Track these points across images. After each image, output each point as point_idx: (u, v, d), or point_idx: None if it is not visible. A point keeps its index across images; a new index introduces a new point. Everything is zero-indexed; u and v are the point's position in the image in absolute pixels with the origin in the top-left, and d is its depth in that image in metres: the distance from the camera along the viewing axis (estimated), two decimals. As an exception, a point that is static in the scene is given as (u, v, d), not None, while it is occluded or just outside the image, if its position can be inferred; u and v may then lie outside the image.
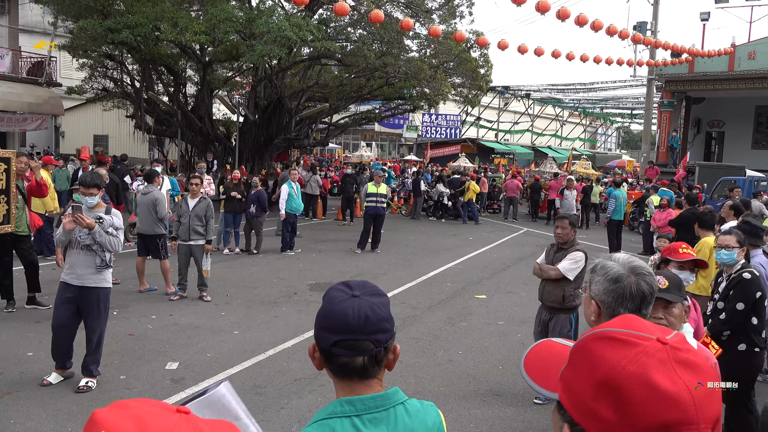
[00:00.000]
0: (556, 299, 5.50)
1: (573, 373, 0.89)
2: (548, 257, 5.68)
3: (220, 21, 15.65)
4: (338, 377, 1.45)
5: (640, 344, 0.85)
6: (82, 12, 17.45)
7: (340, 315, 1.41)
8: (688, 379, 0.82)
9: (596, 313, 1.97)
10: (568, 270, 5.42)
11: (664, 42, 18.04)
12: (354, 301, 1.43)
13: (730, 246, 4.75)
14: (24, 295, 7.93)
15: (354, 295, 1.44)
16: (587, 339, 0.91)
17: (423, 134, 40.76)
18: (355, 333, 1.39)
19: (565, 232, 5.53)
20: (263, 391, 5.56)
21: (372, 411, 1.41)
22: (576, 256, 5.46)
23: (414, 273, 11.41)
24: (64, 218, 5.31)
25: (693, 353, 0.86)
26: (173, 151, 26.91)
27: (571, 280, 5.42)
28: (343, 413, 1.39)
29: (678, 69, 24.83)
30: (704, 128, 30.66)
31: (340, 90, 22.69)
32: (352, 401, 1.41)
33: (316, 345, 1.47)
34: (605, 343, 0.87)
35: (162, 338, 6.96)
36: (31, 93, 21.99)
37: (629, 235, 17.87)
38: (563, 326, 5.53)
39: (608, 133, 70.60)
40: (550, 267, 5.53)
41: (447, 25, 20.43)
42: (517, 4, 11.17)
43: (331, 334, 1.41)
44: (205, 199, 8.99)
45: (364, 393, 1.43)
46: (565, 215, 5.93)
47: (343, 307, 1.41)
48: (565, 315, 5.55)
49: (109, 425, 0.80)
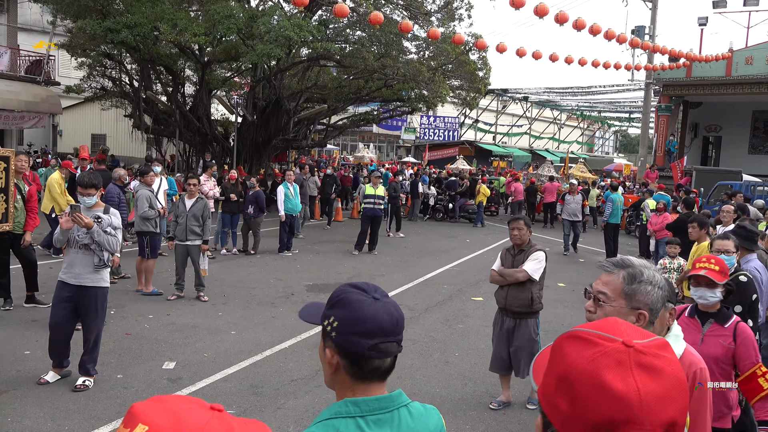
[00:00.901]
0: (523, 303, 5.33)
1: (547, 369, 0.96)
2: (506, 262, 5.48)
3: (221, 18, 15.67)
4: (360, 381, 1.44)
5: (601, 345, 0.90)
6: (81, 11, 17.47)
7: (373, 319, 1.42)
8: (642, 381, 0.86)
9: (644, 324, 1.87)
10: (535, 270, 5.29)
11: (662, 46, 18.11)
12: (380, 304, 1.44)
13: (730, 251, 4.78)
14: (21, 294, 7.93)
15: (375, 298, 1.46)
16: (562, 337, 0.97)
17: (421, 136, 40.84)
18: (388, 336, 1.42)
19: (521, 233, 5.38)
20: (260, 392, 5.57)
21: (376, 412, 1.42)
22: (538, 256, 5.36)
23: (411, 275, 11.43)
24: (61, 217, 5.32)
25: (659, 358, 0.89)
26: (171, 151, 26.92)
27: (537, 280, 5.32)
28: (348, 414, 1.40)
29: (676, 73, 24.94)
30: (701, 132, 30.78)
31: (339, 91, 22.72)
32: (357, 402, 1.42)
33: (335, 351, 1.44)
34: (572, 341, 0.94)
35: (159, 338, 6.97)
36: (30, 91, 21.97)
37: (626, 239, 17.92)
38: (531, 330, 5.39)
39: (606, 136, 70.80)
40: (515, 270, 5.34)
41: (446, 28, 20.48)
42: (515, 7, 11.20)
43: (367, 339, 1.41)
44: (202, 199, 9.00)
45: (378, 394, 1.45)
46: (518, 216, 5.78)
47: (375, 311, 1.43)
48: (532, 319, 5.41)
49: (146, 418, 0.84)
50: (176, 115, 21.10)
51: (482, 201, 20.47)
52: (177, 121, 21.10)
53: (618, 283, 1.91)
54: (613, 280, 1.93)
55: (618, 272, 1.93)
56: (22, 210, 7.74)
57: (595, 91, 38.94)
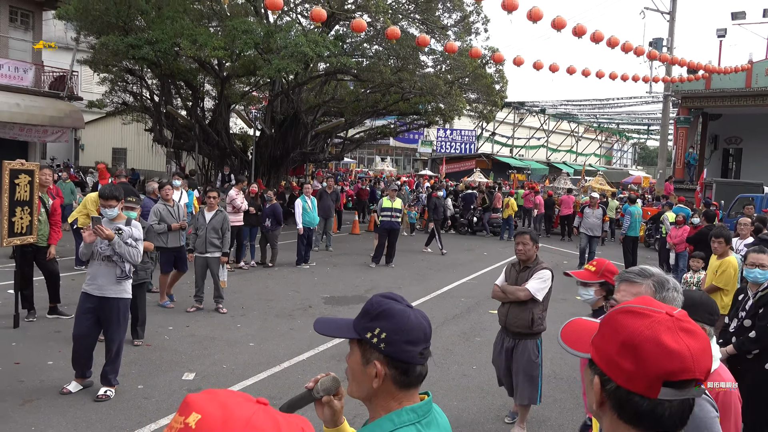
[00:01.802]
0: (523, 324, 5.00)
1: (601, 338, 1.19)
2: (510, 278, 5.18)
3: (239, 33, 15.90)
4: (405, 388, 1.49)
5: (653, 315, 1.14)
6: (104, 28, 17.83)
7: (419, 326, 1.49)
8: (688, 341, 1.11)
9: None
10: (538, 290, 4.94)
11: (680, 58, 18.02)
12: (416, 312, 1.52)
13: (765, 265, 4.75)
14: (44, 305, 8.07)
15: (409, 306, 1.53)
16: (614, 312, 1.19)
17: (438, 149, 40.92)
18: (428, 341, 1.51)
19: (527, 248, 5.05)
20: (278, 403, 5.54)
21: (426, 415, 1.50)
22: (544, 275, 5.00)
23: (428, 287, 11.43)
24: (84, 231, 5.42)
25: (691, 323, 1.15)
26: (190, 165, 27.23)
27: (540, 300, 4.98)
28: (409, 421, 1.46)
29: (694, 85, 24.77)
30: (721, 145, 30.46)
31: (356, 105, 22.87)
32: (414, 409, 1.48)
33: (385, 362, 1.47)
34: (627, 315, 1.16)
35: (179, 349, 7.04)
36: (53, 106, 22.41)
37: (645, 252, 17.76)
38: (531, 353, 5.08)
39: (624, 149, 70.30)
40: (517, 288, 5.01)
41: (463, 42, 20.57)
42: (533, 20, 11.24)
43: (416, 347, 1.47)
44: (222, 211, 9.09)
45: (416, 399, 1.52)
46: (524, 230, 5.34)
47: (417, 319, 1.50)
48: (532, 341, 5.10)
49: (199, 408, 0.92)
50: (196, 129, 21.38)
51: (511, 215, 20.34)
52: (196, 135, 21.37)
53: (650, 292, 1.96)
54: (644, 290, 1.96)
55: (645, 282, 1.97)
56: (46, 223, 7.89)
57: (612, 104, 38.72)
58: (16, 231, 7.18)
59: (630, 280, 2.02)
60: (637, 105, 37.48)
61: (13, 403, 5.31)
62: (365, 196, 24.30)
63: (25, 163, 7.45)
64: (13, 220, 7.12)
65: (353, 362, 1.54)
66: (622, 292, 2.01)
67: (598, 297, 3.60)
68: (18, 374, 5.96)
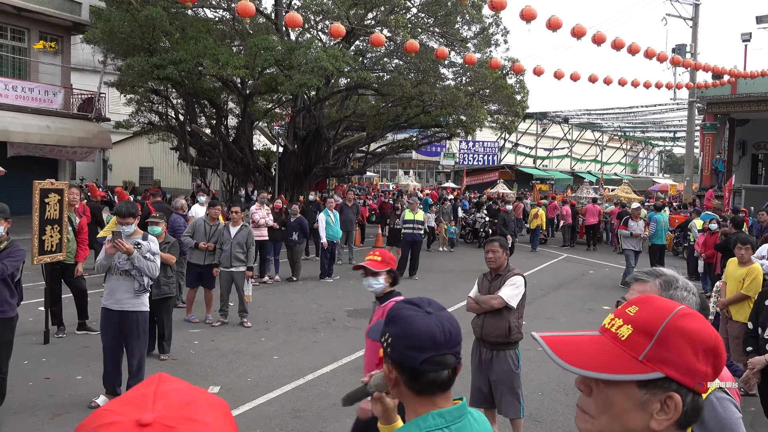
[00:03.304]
0: (500, 333, 4.83)
1: (670, 350, 1.08)
2: (482, 288, 5.02)
3: (260, 50, 16.14)
4: (421, 394, 1.49)
5: (701, 316, 1.14)
6: (130, 50, 18.26)
7: (427, 333, 1.46)
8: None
9: None
10: (512, 297, 4.81)
11: (704, 64, 17.81)
12: (433, 318, 1.49)
13: None
14: (73, 321, 8.22)
15: (428, 312, 1.50)
16: (674, 319, 1.10)
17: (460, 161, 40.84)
18: (442, 348, 1.46)
19: (496, 255, 4.91)
20: (302, 415, 5.62)
21: (457, 421, 1.47)
22: (516, 281, 4.87)
23: (452, 299, 11.35)
24: (106, 244, 5.54)
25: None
26: (215, 182, 27.59)
27: (515, 307, 4.84)
28: (437, 426, 1.45)
29: (720, 91, 24.39)
30: (750, 150, 29.89)
31: (377, 119, 22.99)
32: (442, 414, 1.47)
33: (392, 366, 1.49)
34: (692, 318, 1.11)
35: (204, 363, 7.11)
36: (82, 128, 22.94)
37: (672, 260, 17.46)
38: (512, 364, 4.88)
39: (650, 157, 69.42)
40: (490, 297, 4.85)
41: (482, 54, 20.60)
42: (552, 29, 11.23)
43: (420, 353, 1.45)
44: (246, 226, 9.19)
45: (444, 405, 1.49)
46: (493, 238, 5.16)
47: (427, 325, 1.47)
48: (511, 351, 4.90)
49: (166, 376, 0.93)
50: (220, 146, 21.69)
51: (539, 225, 20.15)
52: (220, 153, 21.67)
53: (655, 290, 1.94)
54: (650, 288, 1.95)
55: (653, 280, 1.96)
56: (73, 241, 8.07)
57: (637, 112, 38.34)
58: (46, 249, 7.35)
59: (640, 279, 2.01)
60: (662, 112, 37.08)
61: (43, 417, 5.41)
62: (388, 210, 24.32)
63: (55, 182, 7.64)
64: (44, 239, 7.29)
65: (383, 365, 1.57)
66: (632, 291, 2.00)
67: (386, 284, 3.85)
68: (48, 389, 6.07)
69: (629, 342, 1.11)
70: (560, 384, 6.77)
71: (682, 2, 26.44)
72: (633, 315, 1.14)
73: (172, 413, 0.83)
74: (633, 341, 1.11)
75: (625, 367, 1.09)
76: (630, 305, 1.17)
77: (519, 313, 4.91)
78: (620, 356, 1.10)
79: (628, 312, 1.16)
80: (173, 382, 0.92)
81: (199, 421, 0.84)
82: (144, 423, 0.79)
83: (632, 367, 1.08)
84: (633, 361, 1.09)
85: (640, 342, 1.10)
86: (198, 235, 9.13)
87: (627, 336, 1.12)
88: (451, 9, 19.35)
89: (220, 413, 0.89)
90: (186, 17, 19.61)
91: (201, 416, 0.85)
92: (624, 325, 1.14)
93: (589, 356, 1.11)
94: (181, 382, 0.93)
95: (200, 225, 9.24)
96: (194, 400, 0.88)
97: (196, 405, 0.86)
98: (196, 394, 0.90)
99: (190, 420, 0.83)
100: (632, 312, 1.15)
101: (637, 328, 1.12)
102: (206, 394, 0.92)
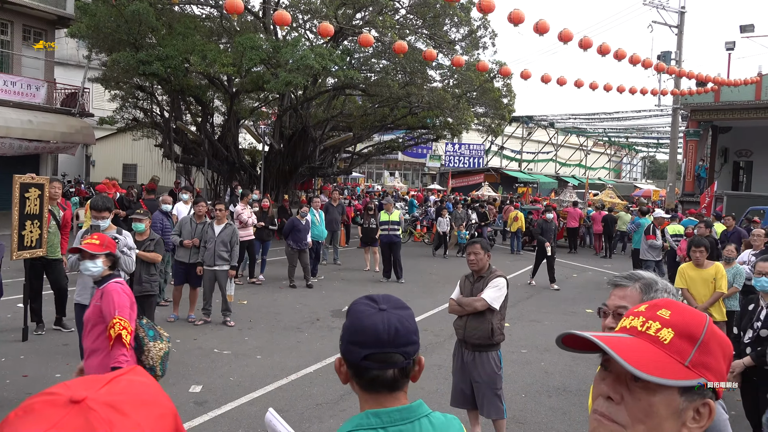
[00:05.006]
0: (483, 335, 4.83)
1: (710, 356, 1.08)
2: (465, 290, 5.02)
3: (246, 48, 16.04)
4: (366, 391, 1.45)
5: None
6: (116, 45, 18.07)
7: (371, 329, 1.42)
8: None
9: None
10: (495, 299, 4.80)
11: (688, 71, 18.01)
12: (382, 315, 1.44)
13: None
14: (53, 318, 8.10)
15: (381, 309, 1.46)
16: (710, 325, 1.11)
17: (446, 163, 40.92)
18: (386, 346, 1.42)
19: (478, 257, 4.90)
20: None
21: (398, 423, 1.42)
22: (499, 283, 4.87)
23: (437, 301, 11.37)
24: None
25: None
26: (200, 180, 27.41)
27: (497, 309, 4.85)
28: (369, 426, 1.40)
29: (703, 98, 24.67)
30: (732, 158, 30.29)
31: (364, 119, 22.98)
32: (378, 413, 1.42)
33: (342, 359, 1.47)
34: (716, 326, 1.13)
35: (186, 362, 7.03)
36: (65, 123, 22.67)
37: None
38: (494, 365, 4.90)
39: (633, 162, 70.10)
40: (473, 299, 4.84)
41: (470, 56, 20.67)
42: (539, 33, 11.28)
43: (362, 349, 1.42)
44: (231, 225, 9.12)
45: (391, 405, 1.44)
46: (474, 240, 5.14)
47: (373, 321, 1.43)
48: (493, 352, 4.91)
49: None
50: (205, 144, 21.54)
51: (520, 227, 20.24)
52: (206, 151, 21.53)
53: (636, 295, 1.93)
54: (630, 293, 1.95)
55: (632, 284, 1.95)
56: (56, 234, 7.95)
57: (621, 117, 38.68)
58: (26, 244, 7.23)
59: (619, 284, 2.01)
60: (646, 118, 37.41)
61: (20, 415, 5.30)
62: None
63: (36, 177, 7.52)
64: (23, 234, 7.18)
65: None
66: (613, 296, 2.00)
67: (104, 267, 4.00)
68: (26, 387, 5.97)
69: (673, 346, 1.07)
70: (544, 386, 6.79)
71: (668, 10, 26.71)
72: (669, 319, 1.10)
73: (104, 398, 0.83)
74: (677, 346, 1.07)
75: (674, 372, 1.04)
76: (658, 308, 1.13)
77: (501, 315, 4.91)
78: (668, 361, 1.05)
79: (661, 315, 1.11)
80: (142, 376, 0.92)
81: (121, 412, 0.82)
82: (75, 400, 0.81)
83: (681, 373, 1.05)
84: (680, 366, 1.05)
85: (684, 347, 1.06)
86: (185, 233, 9.09)
87: (670, 340, 1.07)
88: (440, 11, 19.41)
89: (156, 416, 0.87)
90: (173, 13, 19.45)
91: (128, 410, 0.83)
92: (663, 329, 1.09)
93: (648, 360, 1.05)
94: (149, 380, 0.92)
95: (187, 223, 9.20)
96: (139, 396, 0.87)
97: (136, 401, 0.86)
98: (150, 394, 0.88)
99: (113, 408, 0.82)
100: (666, 315, 1.10)
101: (678, 332, 1.08)
102: (161, 400, 0.90)
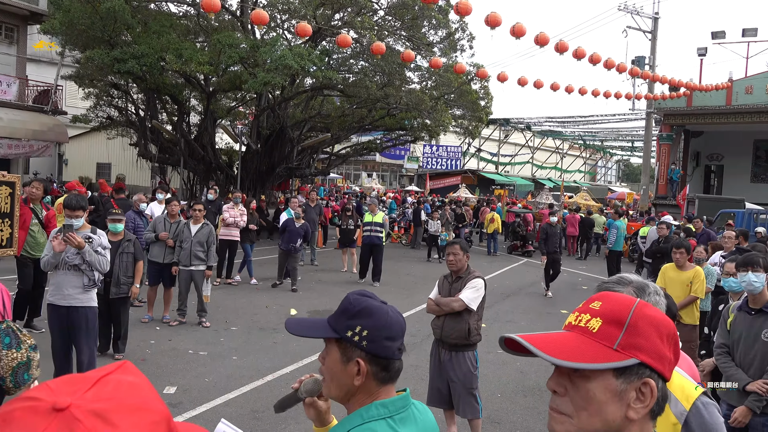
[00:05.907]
0: (460, 335, 4.85)
1: (640, 336, 1.12)
2: (443, 290, 5.04)
3: (224, 46, 15.92)
4: (385, 383, 1.51)
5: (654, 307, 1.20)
6: (90, 42, 17.77)
7: (397, 322, 1.51)
8: None
9: None
10: (472, 300, 4.84)
11: (662, 76, 18.31)
12: (392, 308, 1.53)
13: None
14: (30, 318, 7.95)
15: (383, 302, 1.54)
16: (639, 308, 1.15)
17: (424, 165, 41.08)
18: (404, 336, 1.52)
19: (457, 258, 4.93)
20: (261, 416, 5.54)
21: (400, 411, 1.48)
22: (477, 284, 4.90)
23: (414, 302, 11.39)
24: (53, 240, 5.31)
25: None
26: (175, 179, 27.11)
27: (475, 310, 4.88)
28: (380, 416, 1.45)
29: (676, 103, 25.14)
30: (703, 161, 30.91)
31: (342, 120, 22.95)
32: (385, 404, 1.47)
33: (366, 360, 1.47)
34: (651, 307, 1.17)
35: (161, 363, 6.95)
36: (37, 121, 22.27)
37: (629, 266, 17.86)
38: (470, 365, 4.92)
39: (608, 165, 71.06)
40: (451, 299, 4.87)
41: (448, 58, 20.77)
42: (516, 36, 11.37)
43: (395, 342, 1.49)
44: (207, 225, 9.03)
45: (393, 395, 1.51)
46: (453, 240, 5.25)
47: (395, 315, 1.52)
48: (470, 352, 4.95)
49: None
50: (181, 143, 21.30)
51: (496, 229, 20.41)
52: (182, 150, 21.30)
53: None
54: None
55: (625, 288, 1.95)
56: (41, 233, 7.82)
57: (596, 121, 39.21)
58: (-4, 243, 7.08)
59: (609, 289, 2.02)
60: (621, 122, 38.01)
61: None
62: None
63: (6, 174, 7.37)
64: (-7, 233, 7.03)
65: (332, 362, 1.52)
66: None
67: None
68: (-5, 388, 5.84)
69: (601, 333, 1.12)
70: (519, 386, 6.85)
71: (643, 15, 27.17)
72: (599, 309, 1.16)
73: (90, 406, 0.76)
74: (605, 332, 1.12)
75: (602, 357, 1.10)
76: (591, 301, 1.19)
77: (478, 316, 4.94)
78: (596, 347, 1.11)
79: (593, 307, 1.17)
80: (132, 374, 0.87)
81: (109, 422, 0.76)
82: (59, 408, 0.75)
83: (609, 356, 1.10)
84: (609, 350, 1.11)
85: (612, 332, 1.12)
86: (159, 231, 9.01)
87: (598, 328, 1.13)
88: (418, 13, 19.47)
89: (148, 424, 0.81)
90: (149, 11, 19.24)
91: (117, 419, 0.77)
92: (593, 319, 1.15)
93: (569, 349, 1.12)
94: (140, 379, 0.87)
95: (161, 222, 9.11)
96: (129, 401, 0.81)
97: (126, 407, 0.79)
98: (141, 398, 0.83)
99: (100, 418, 0.76)
100: (597, 306, 1.17)
101: (606, 319, 1.13)
102: (153, 404, 0.85)
